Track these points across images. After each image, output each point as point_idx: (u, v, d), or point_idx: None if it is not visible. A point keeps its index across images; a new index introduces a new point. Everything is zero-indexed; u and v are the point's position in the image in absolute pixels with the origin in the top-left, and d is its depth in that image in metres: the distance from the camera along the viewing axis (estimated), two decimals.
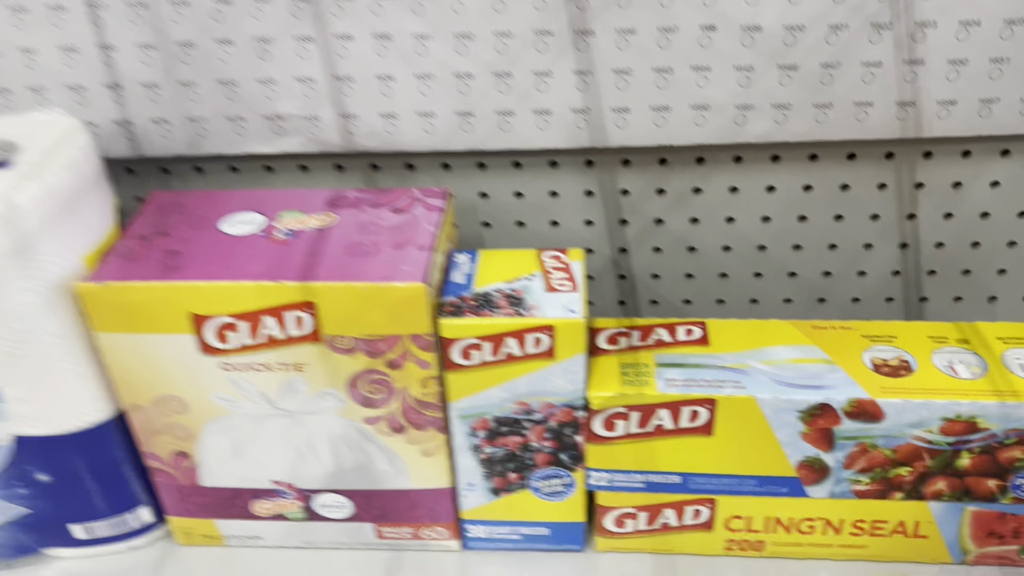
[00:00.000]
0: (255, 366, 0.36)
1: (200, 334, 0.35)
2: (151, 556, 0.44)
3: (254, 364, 0.36)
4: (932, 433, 0.36)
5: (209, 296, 0.35)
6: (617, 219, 0.46)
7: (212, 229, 0.38)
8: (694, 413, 0.37)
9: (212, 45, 0.40)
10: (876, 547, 0.40)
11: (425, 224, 0.38)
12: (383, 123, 0.42)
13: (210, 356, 0.36)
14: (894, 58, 0.39)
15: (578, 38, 0.39)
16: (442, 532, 0.42)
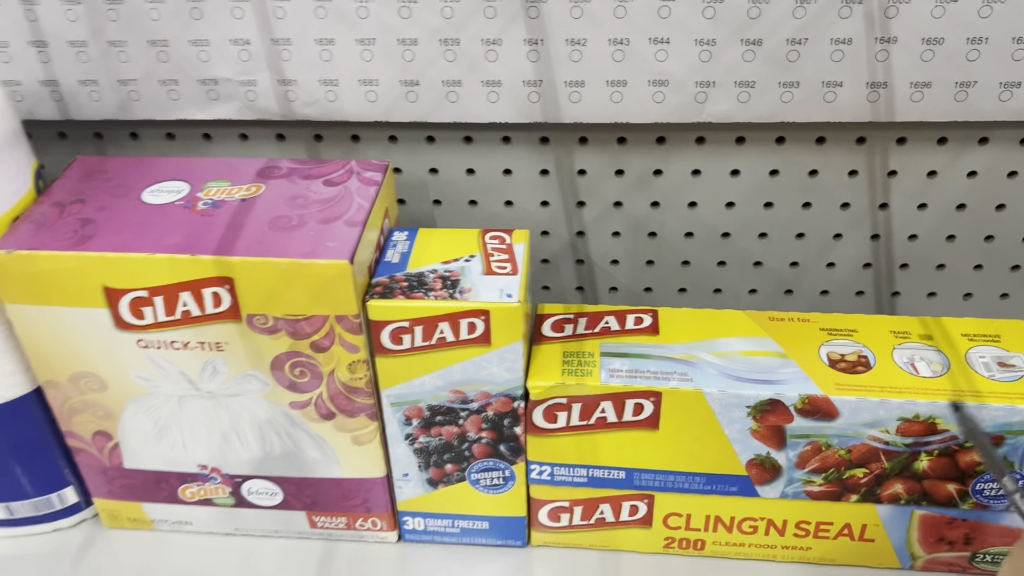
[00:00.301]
0: (173, 344, 0.34)
1: (114, 308, 0.33)
2: (77, 538, 0.42)
3: (172, 342, 0.34)
4: (889, 434, 0.34)
5: (122, 268, 0.32)
6: (574, 200, 0.43)
7: (133, 198, 0.35)
8: (638, 406, 0.35)
9: (141, 2, 0.38)
10: (821, 549, 0.39)
11: (359, 199, 0.35)
12: (323, 90, 0.39)
13: (125, 332, 0.34)
14: (865, 35, 0.36)
15: (529, 5, 0.37)
16: (378, 523, 0.40)
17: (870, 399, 0.34)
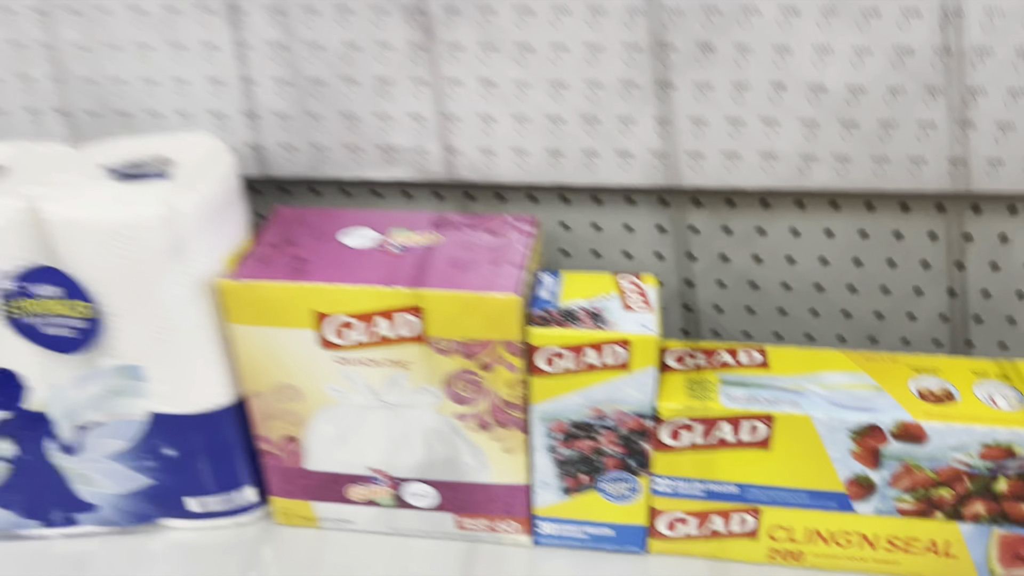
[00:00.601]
0: (365, 361, 0.41)
1: (321, 330, 0.41)
2: (252, 533, 0.49)
3: (365, 359, 0.41)
4: (972, 457, 0.40)
5: (332, 297, 0.40)
6: (685, 253, 0.50)
7: (333, 241, 0.43)
8: (754, 428, 0.41)
9: (339, 83, 0.46)
10: (908, 564, 0.44)
11: (517, 246, 0.43)
12: (482, 157, 0.47)
13: (327, 350, 0.41)
14: (947, 119, 0.43)
15: (660, 89, 0.44)
16: (515, 526, 0.46)
17: (956, 425, 0.39)
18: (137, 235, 0.39)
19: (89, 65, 0.47)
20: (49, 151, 0.44)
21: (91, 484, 0.46)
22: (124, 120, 0.48)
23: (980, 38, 0.41)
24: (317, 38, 0.45)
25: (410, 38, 0.44)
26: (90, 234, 0.39)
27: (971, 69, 0.42)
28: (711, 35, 0.42)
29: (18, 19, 0.46)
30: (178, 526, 0.48)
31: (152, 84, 0.47)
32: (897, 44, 0.41)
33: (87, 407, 0.43)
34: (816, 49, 0.42)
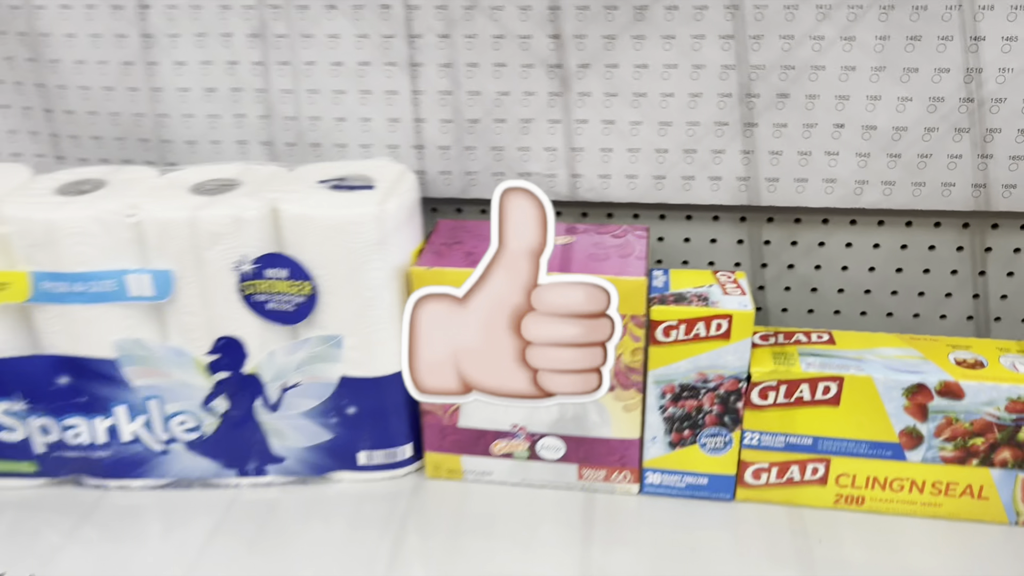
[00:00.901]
0: None
1: None
2: (407, 485, 0.59)
3: None
4: (1000, 410, 0.51)
5: None
6: (759, 263, 0.62)
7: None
8: (826, 388, 0.52)
9: (491, 123, 0.59)
10: (949, 506, 0.54)
11: (636, 245, 0.54)
12: (599, 181, 0.59)
13: None
14: (971, 153, 0.55)
15: (746, 128, 0.57)
16: (627, 476, 0.57)
17: (986, 384, 0.50)
18: (354, 229, 0.50)
19: (292, 106, 0.60)
20: (268, 170, 0.56)
21: (283, 438, 0.57)
22: (315, 150, 0.61)
23: (996, 90, 0.53)
24: (477, 87, 0.58)
25: (549, 88, 0.57)
26: (317, 228, 0.51)
27: (989, 114, 0.54)
28: (787, 86, 0.55)
29: (240, 69, 0.59)
30: (345, 478, 0.59)
31: (342, 122, 0.60)
32: (932, 94, 0.54)
33: (293, 371, 0.55)
34: (868, 97, 0.55)
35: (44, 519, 0.57)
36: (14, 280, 0.52)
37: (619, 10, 0.54)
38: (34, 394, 0.55)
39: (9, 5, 0.58)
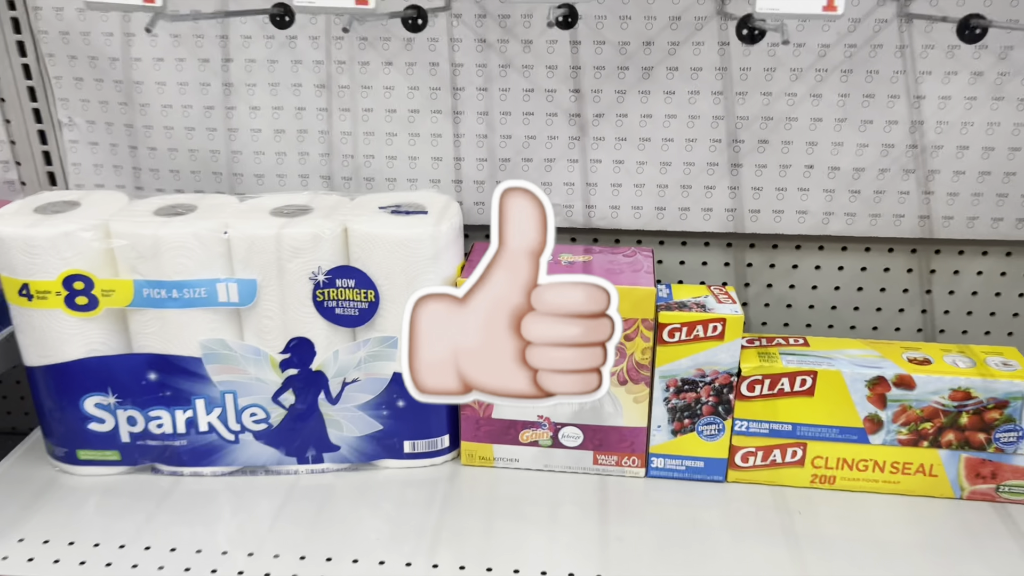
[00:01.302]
0: None
1: None
2: (444, 471, 0.68)
3: None
4: (944, 399, 0.61)
5: None
6: (743, 283, 0.73)
7: None
8: (803, 380, 0.62)
9: (520, 161, 0.69)
10: (905, 483, 0.64)
11: (644, 263, 0.65)
12: (610, 211, 0.70)
13: None
14: (916, 190, 0.67)
15: (732, 168, 0.68)
16: (636, 461, 0.66)
17: (933, 377, 0.61)
18: (413, 246, 0.60)
19: (351, 146, 0.70)
20: (333, 199, 0.66)
21: (340, 429, 0.66)
22: (368, 183, 0.71)
23: (935, 139, 0.66)
24: (508, 132, 0.69)
25: (569, 133, 0.68)
26: (381, 244, 0.61)
27: (930, 158, 0.66)
28: (766, 134, 0.67)
29: (306, 114, 0.69)
30: (391, 465, 0.68)
31: (393, 160, 0.70)
32: (884, 141, 0.66)
33: (353, 368, 0.64)
34: (833, 144, 0.67)
35: (125, 503, 0.64)
36: (119, 287, 0.61)
37: (629, 70, 0.66)
38: (124, 389, 0.64)
39: (109, 57, 0.68)
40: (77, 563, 0.58)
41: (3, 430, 0.87)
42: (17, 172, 0.75)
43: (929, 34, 0.63)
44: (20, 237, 0.59)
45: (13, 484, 0.66)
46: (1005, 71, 0.63)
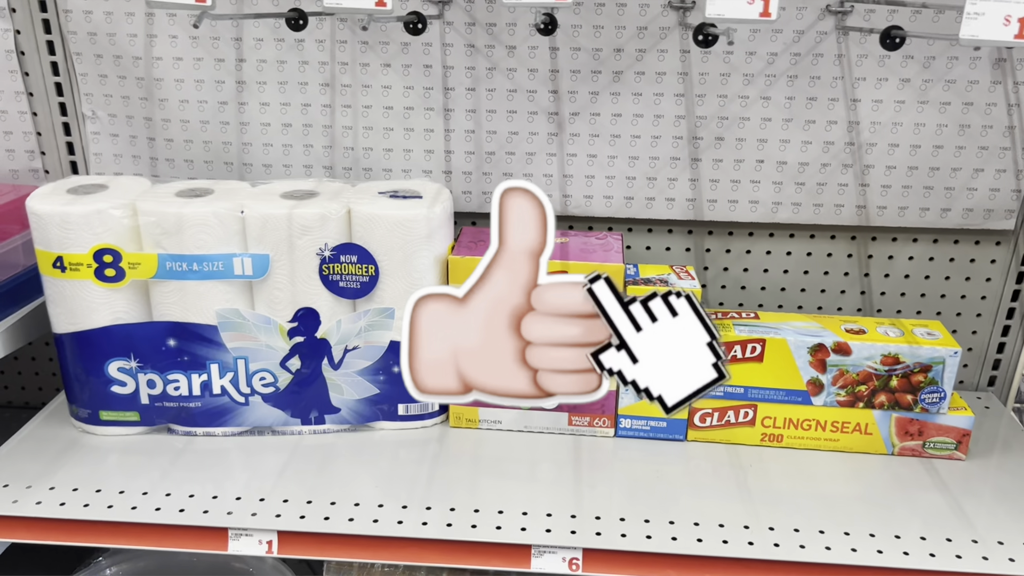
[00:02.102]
0: None
1: None
2: (434, 433, 0.75)
3: None
4: (877, 364, 0.70)
5: None
6: (702, 266, 0.81)
7: None
8: (753, 347, 0.70)
9: (504, 155, 0.77)
10: (844, 441, 0.73)
11: (614, 245, 0.73)
12: (584, 201, 0.78)
13: None
14: (854, 182, 0.76)
15: (692, 162, 0.77)
16: (606, 422, 0.74)
17: (867, 344, 0.69)
18: (410, 225, 0.68)
19: (351, 139, 0.78)
20: (336, 185, 0.74)
21: (341, 392, 0.73)
22: (366, 173, 0.78)
23: (869, 137, 0.75)
24: (494, 128, 0.77)
25: (548, 130, 0.77)
26: (381, 224, 0.68)
27: (866, 154, 0.75)
28: (722, 132, 0.75)
29: (312, 110, 0.77)
30: (386, 427, 0.75)
31: (389, 152, 0.78)
32: (825, 139, 0.75)
33: (354, 336, 0.71)
34: (780, 141, 0.75)
35: (144, 459, 0.71)
36: (144, 260, 0.68)
37: (601, 74, 0.74)
38: (145, 354, 0.70)
39: (132, 56, 0.76)
40: (105, 507, 0.64)
41: (17, 404, 0.93)
42: (42, 161, 0.81)
43: (863, 45, 0.72)
44: (57, 214, 0.66)
45: (39, 443, 0.72)
46: (928, 78, 0.72)
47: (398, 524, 0.63)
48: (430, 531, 0.62)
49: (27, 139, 0.80)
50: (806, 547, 0.61)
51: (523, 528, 0.62)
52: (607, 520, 0.63)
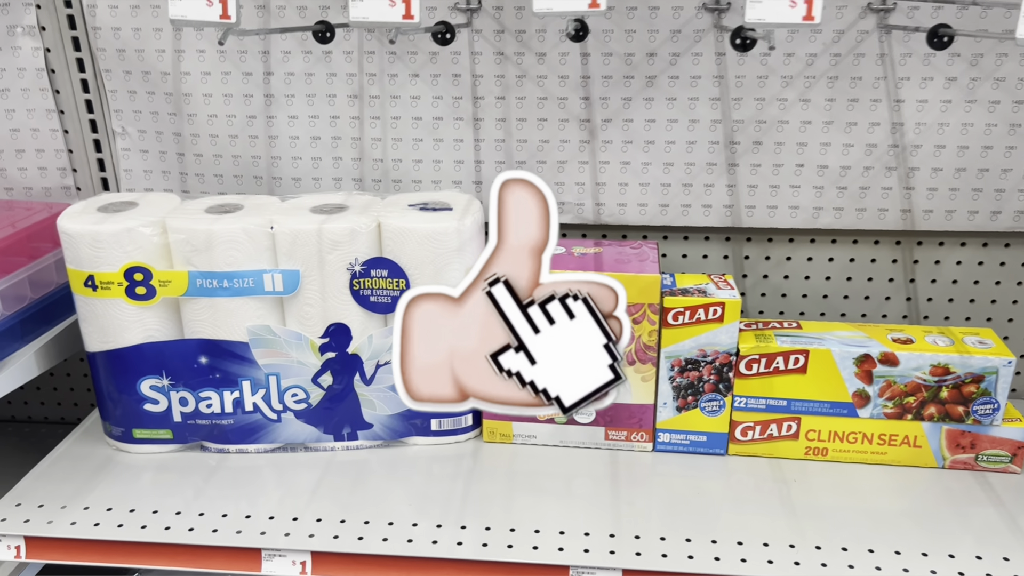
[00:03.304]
0: None
1: None
2: (468, 448, 0.74)
3: None
4: (926, 374, 0.67)
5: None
6: (741, 274, 0.79)
7: None
8: (796, 359, 0.68)
9: (535, 164, 0.76)
10: (892, 454, 0.70)
11: (650, 254, 0.71)
12: (618, 209, 0.77)
13: None
14: (898, 186, 0.74)
15: (730, 167, 0.74)
16: (644, 436, 0.72)
17: (915, 354, 0.67)
18: (441, 238, 0.67)
19: (380, 151, 0.77)
20: (366, 198, 0.73)
21: (373, 408, 0.72)
22: (396, 185, 0.77)
23: (914, 139, 0.72)
24: (524, 137, 0.75)
25: (580, 137, 0.75)
26: (412, 238, 0.67)
27: (910, 156, 0.73)
28: (760, 136, 0.73)
29: (340, 122, 0.76)
30: (419, 442, 0.74)
31: (418, 163, 0.77)
32: (868, 142, 0.72)
33: (386, 351, 0.70)
34: (821, 144, 0.73)
35: (177, 478, 0.70)
36: (175, 278, 0.67)
37: (634, 79, 0.73)
38: (177, 372, 0.70)
39: (160, 72, 0.75)
40: (139, 527, 0.64)
41: (53, 420, 0.93)
42: (73, 178, 0.81)
43: (907, 43, 0.69)
44: (87, 233, 0.65)
45: (74, 461, 0.72)
46: (976, 76, 0.70)
47: (433, 544, 0.61)
48: (465, 551, 0.61)
49: (59, 157, 0.80)
50: (855, 567, 0.59)
51: (560, 548, 0.61)
52: (647, 539, 0.62)
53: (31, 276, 0.72)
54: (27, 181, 0.81)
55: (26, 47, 0.77)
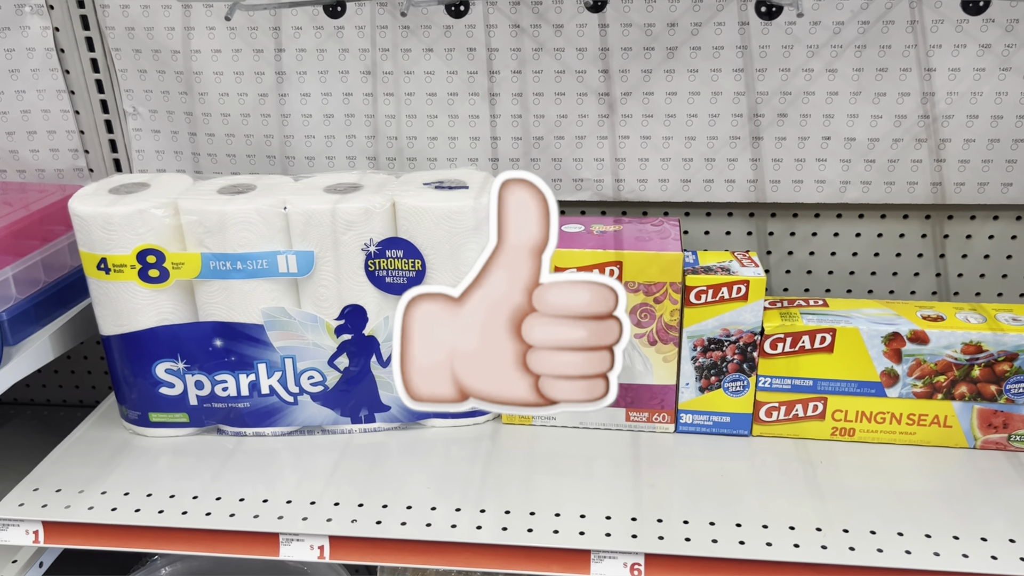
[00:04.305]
0: None
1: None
2: (486, 430, 0.73)
3: None
4: (957, 353, 0.65)
5: (568, 257, 0.66)
6: (765, 251, 0.77)
7: (559, 230, 0.70)
8: (823, 338, 0.66)
9: (552, 140, 0.74)
10: (921, 434, 0.68)
11: (672, 231, 0.70)
12: (638, 185, 0.75)
13: None
14: (928, 158, 0.71)
15: (754, 141, 0.72)
16: (666, 417, 0.71)
17: (946, 331, 0.65)
18: (457, 217, 0.65)
19: (395, 128, 0.75)
20: (380, 176, 0.71)
21: (390, 390, 0.71)
22: (411, 163, 0.76)
23: (945, 109, 0.70)
24: (541, 112, 0.73)
25: (599, 112, 0.73)
26: (427, 217, 0.65)
27: (941, 128, 0.70)
28: (785, 108, 0.71)
29: (353, 99, 0.75)
30: (437, 424, 0.73)
31: (433, 140, 0.75)
32: (897, 113, 0.70)
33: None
34: (848, 116, 0.71)
35: (194, 461, 0.70)
36: (188, 260, 0.66)
37: (655, 50, 0.70)
38: (192, 355, 0.69)
39: (171, 50, 0.74)
40: (156, 511, 0.63)
41: (71, 403, 0.93)
42: (85, 160, 0.80)
43: (939, 9, 0.67)
44: (99, 215, 0.65)
45: (91, 445, 0.72)
46: (1012, 43, 0.67)
47: (451, 528, 0.61)
48: (484, 535, 0.60)
49: (70, 138, 0.79)
50: (884, 551, 0.57)
51: (581, 532, 0.60)
52: (669, 523, 0.60)
53: (45, 259, 0.72)
54: (39, 163, 0.80)
55: (35, 26, 0.75)
